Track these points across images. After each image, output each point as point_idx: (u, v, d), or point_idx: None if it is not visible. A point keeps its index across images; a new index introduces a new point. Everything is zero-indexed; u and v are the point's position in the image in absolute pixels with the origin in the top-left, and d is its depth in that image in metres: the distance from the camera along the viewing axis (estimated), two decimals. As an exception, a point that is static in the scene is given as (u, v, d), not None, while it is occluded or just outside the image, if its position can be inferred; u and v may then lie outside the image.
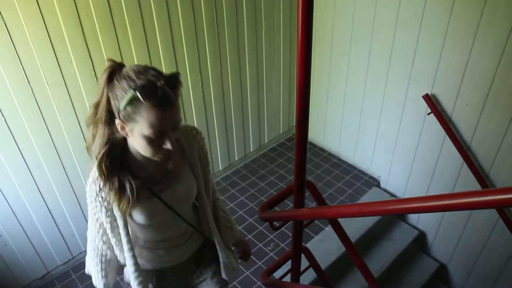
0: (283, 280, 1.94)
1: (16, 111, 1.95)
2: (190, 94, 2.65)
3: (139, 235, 1.35)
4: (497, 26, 2.07)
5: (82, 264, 2.58)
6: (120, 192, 1.13)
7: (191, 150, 1.30)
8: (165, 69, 2.42)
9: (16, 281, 2.34)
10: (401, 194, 3.06)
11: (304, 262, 1.85)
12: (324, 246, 2.62)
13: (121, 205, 1.15)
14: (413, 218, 3.06)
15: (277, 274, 1.96)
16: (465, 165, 2.48)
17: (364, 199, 3.02)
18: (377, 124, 2.96)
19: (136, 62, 2.25)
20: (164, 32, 2.33)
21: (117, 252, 1.29)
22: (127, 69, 1.02)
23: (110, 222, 1.21)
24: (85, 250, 1.36)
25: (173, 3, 2.30)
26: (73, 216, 2.41)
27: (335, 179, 3.19)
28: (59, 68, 2.00)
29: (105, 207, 1.18)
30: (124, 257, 1.29)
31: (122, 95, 0.99)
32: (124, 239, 1.24)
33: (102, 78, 1.03)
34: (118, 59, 1.07)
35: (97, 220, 1.23)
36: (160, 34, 2.32)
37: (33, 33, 1.86)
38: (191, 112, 2.71)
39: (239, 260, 1.64)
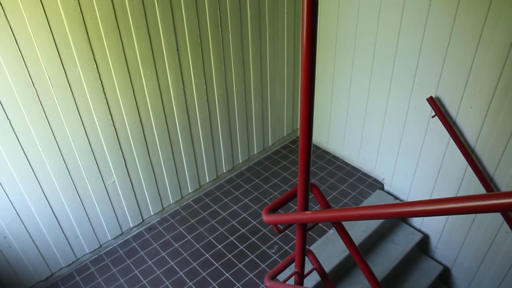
0: (287, 283, 1.93)
1: (20, 113, 1.97)
2: (194, 97, 2.66)
3: None
4: (502, 29, 2.06)
5: (86, 266, 2.60)
6: None
7: None
8: (169, 71, 2.43)
9: (21, 282, 2.35)
10: (405, 197, 3.05)
11: (308, 265, 1.84)
12: (328, 248, 2.62)
13: None
14: (417, 221, 3.04)
15: (281, 277, 1.96)
16: (469, 168, 2.47)
17: (368, 201, 3.01)
18: (381, 126, 2.96)
19: (140, 65, 2.27)
20: (168, 35, 2.34)
21: None
22: None
23: None
24: (89, 252, 1.36)
25: (178, 6, 2.31)
26: (77, 218, 2.42)
27: (339, 182, 3.18)
28: (63, 70, 2.02)
29: None
30: None
31: None
32: None
33: None
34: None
35: None
36: (165, 37, 2.33)
37: (38, 36, 1.87)
38: (195, 114, 2.72)
39: None
